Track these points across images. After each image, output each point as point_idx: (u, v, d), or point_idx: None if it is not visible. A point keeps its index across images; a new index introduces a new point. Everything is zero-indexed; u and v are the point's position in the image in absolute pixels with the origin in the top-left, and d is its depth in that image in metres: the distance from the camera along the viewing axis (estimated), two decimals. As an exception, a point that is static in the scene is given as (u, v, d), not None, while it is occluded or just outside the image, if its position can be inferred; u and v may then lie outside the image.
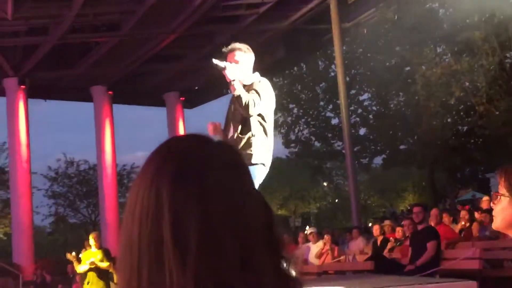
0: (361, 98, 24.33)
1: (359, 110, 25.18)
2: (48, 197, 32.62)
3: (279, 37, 12.72)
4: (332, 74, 23.86)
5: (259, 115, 5.15)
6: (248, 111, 4.98)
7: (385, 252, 8.65)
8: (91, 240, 9.27)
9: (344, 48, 13.86)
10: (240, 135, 5.11)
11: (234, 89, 5.02)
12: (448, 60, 17.29)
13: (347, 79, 15.49)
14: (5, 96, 14.13)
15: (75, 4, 10.43)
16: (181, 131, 16.33)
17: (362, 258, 8.91)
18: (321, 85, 25.58)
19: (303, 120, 26.51)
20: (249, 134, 5.13)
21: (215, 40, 13.05)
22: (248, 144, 5.13)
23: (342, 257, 9.61)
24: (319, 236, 10.44)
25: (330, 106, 25.64)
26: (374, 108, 24.76)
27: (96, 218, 30.16)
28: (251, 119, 5.18)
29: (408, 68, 21.00)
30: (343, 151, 17.45)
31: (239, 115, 5.17)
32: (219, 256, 0.75)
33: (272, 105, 5.17)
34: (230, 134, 5.18)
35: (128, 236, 0.78)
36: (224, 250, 0.75)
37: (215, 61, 5.08)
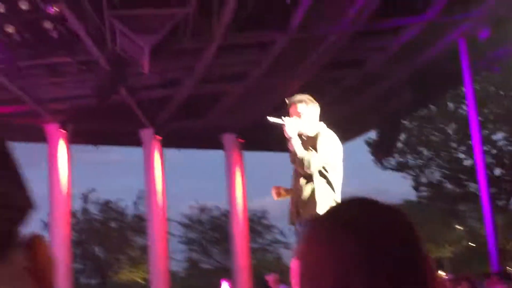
0: (494, 137, 23.46)
1: (494, 151, 24.27)
2: (182, 243, 33.49)
3: (407, 79, 12.57)
4: (463, 113, 23.22)
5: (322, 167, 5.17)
6: (303, 169, 5.00)
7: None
8: (225, 286, 9.47)
9: (475, 87, 13.49)
10: (301, 188, 5.10)
11: (292, 147, 5.07)
12: None
13: (480, 119, 15.00)
14: (141, 146, 14.79)
15: (206, 56, 10.83)
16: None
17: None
18: (451, 125, 24.93)
19: (434, 162, 25.87)
20: (311, 187, 5.11)
21: (342, 84, 13.11)
22: (312, 196, 5.10)
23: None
24: (455, 282, 10.07)
25: (463, 147, 24.88)
26: (509, 148, 23.77)
27: (228, 263, 30.62)
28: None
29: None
30: (478, 193, 16.81)
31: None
32: None
33: (339, 154, 5.15)
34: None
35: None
36: None
37: (271, 119, 5.16)
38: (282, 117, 5.35)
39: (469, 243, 32.70)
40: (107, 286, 31.12)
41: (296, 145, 5.18)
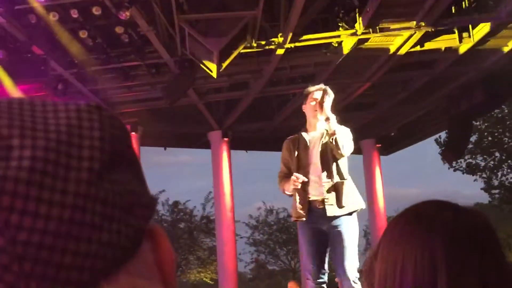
0: None
1: None
2: (249, 245, 33.62)
3: (478, 80, 12.31)
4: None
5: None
6: (342, 152, 4.83)
7: None
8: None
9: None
10: (333, 180, 4.91)
11: (330, 125, 4.87)
12: None
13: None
14: (210, 148, 14.96)
15: (274, 59, 10.88)
16: (378, 177, 16.24)
17: None
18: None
19: (506, 164, 25.22)
20: (346, 178, 4.95)
21: (410, 86, 12.95)
22: (349, 188, 4.94)
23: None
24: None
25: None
26: None
27: (296, 265, 30.62)
28: (343, 161, 4.99)
29: None
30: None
31: (331, 157, 4.97)
32: None
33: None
34: (313, 175, 4.96)
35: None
36: None
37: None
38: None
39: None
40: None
41: (337, 125, 5.06)
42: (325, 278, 4.90)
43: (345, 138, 4.90)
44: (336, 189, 4.90)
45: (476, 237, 0.86)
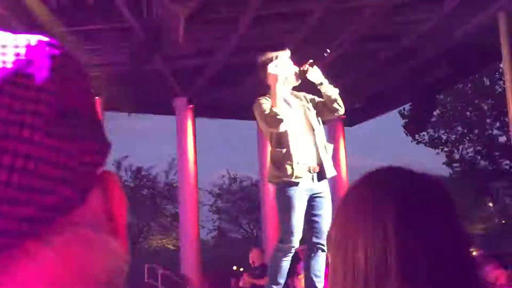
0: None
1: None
2: (212, 212, 33.76)
3: (443, 54, 12.40)
4: (499, 90, 22.87)
5: None
6: (340, 108, 4.90)
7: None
8: (254, 256, 9.53)
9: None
10: (325, 145, 4.95)
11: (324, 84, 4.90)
12: None
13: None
14: (174, 115, 14.86)
15: (240, 26, 10.79)
16: (341, 148, 16.33)
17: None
18: (487, 101, 24.58)
19: (467, 138, 25.59)
20: (326, 143, 5.00)
21: (378, 57, 12.98)
22: (330, 154, 4.99)
23: (512, 282, 9.18)
24: (486, 259, 10.02)
25: (497, 124, 24.55)
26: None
27: (258, 233, 30.83)
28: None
29: None
30: (511, 170, 16.71)
31: (316, 119, 5.02)
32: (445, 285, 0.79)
33: None
34: (299, 142, 4.92)
35: (350, 261, 0.84)
36: (449, 278, 0.79)
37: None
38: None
39: (501, 221, 32.46)
40: (137, 251, 31.61)
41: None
42: None
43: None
44: (328, 152, 4.97)
45: (431, 205, 0.85)
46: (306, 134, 4.93)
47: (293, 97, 5.09)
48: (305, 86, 5.35)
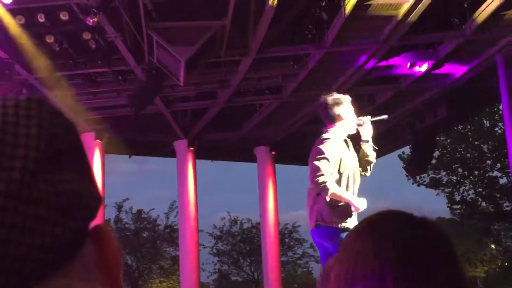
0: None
1: (530, 169, 23.86)
2: (213, 255, 33.54)
3: (442, 96, 12.49)
4: (499, 132, 22.94)
5: None
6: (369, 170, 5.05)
7: None
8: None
9: None
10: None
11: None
12: None
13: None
14: (175, 157, 14.89)
15: (241, 69, 10.91)
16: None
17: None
18: (487, 143, 24.63)
19: (468, 179, 25.57)
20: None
21: (376, 100, 13.07)
22: None
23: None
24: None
25: (498, 165, 24.55)
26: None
27: (259, 276, 30.58)
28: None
29: None
30: (513, 212, 16.68)
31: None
32: None
33: None
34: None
35: None
36: None
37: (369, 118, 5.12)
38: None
39: (503, 263, 32.20)
40: (138, 295, 31.31)
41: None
42: None
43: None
44: None
45: (431, 251, 0.86)
46: (358, 177, 5.10)
47: (349, 140, 5.25)
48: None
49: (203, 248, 28.64)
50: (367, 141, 5.05)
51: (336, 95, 5.12)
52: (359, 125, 5.13)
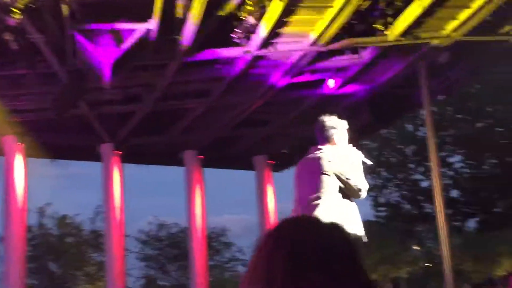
0: (451, 159, 23.86)
1: (450, 172, 24.68)
2: (140, 260, 33.21)
3: (366, 101, 12.73)
4: (421, 135, 23.58)
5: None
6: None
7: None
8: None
9: (433, 109, 13.69)
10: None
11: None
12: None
13: (437, 141, 15.25)
14: (101, 161, 14.65)
15: (167, 72, 10.83)
16: (269, 193, 16.40)
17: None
18: (410, 147, 25.30)
19: (392, 183, 26.19)
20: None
21: (302, 105, 13.20)
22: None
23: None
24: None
25: (421, 169, 25.25)
26: (466, 170, 24.20)
27: (187, 281, 30.38)
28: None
29: (501, 129, 20.53)
30: (434, 214, 17.05)
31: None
32: None
33: None
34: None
35: None
36: None
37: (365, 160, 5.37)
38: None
39: (426, 264, 33.05)
40: (62, 302, 30.62)
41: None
42: None
43: None
44: None
45: (321, 253, 0.85)
46: None
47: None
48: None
49: (129, 253, 28.27)
50: (349, 179, 5.25)
51: (334, 119, 5.42)
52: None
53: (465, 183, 23.78)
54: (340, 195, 5.14)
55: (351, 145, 5.60)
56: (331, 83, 5.11)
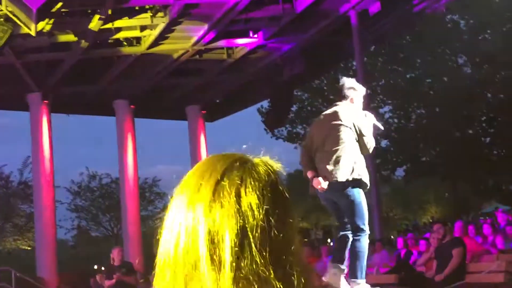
0: (381, 110, 24.25)
1: (380, 123, 25.10)
2: (71, 211, 32.84)
3: (299, 51, 12.73)
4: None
5: None
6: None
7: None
8: (115, 254, 9.35)
9: (365, 59, 13.82)
10: None
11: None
12: (470, 71, 17.18)
13: (368, 91, 15.44)
14: (28, 111, 14.27)
15: (97, 19, 10.54)
16: (202, 144, 16.39)
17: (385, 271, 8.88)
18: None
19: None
20: None
21: (236, 54, 13.12)
22: None
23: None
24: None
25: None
26: (395, 120, 24.66)
27: (119, 231, 30.30)
28: None
29: (429, 80, 20.95)
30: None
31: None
32: (251, 271, 0.78)
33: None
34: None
35: (166, 251, 0.82)
36: (255, 264, 0.78)
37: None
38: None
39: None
40: (-9, 254, 30.13)
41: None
42: None
43: None
44: None
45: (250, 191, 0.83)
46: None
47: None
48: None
49: (60, 204, 27.89)
50: (365, 136, 5.37)
51: (355, 82, 5.60)
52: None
53: (394, 133, 24.26)
54: (357, 145, 5.39)
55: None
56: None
